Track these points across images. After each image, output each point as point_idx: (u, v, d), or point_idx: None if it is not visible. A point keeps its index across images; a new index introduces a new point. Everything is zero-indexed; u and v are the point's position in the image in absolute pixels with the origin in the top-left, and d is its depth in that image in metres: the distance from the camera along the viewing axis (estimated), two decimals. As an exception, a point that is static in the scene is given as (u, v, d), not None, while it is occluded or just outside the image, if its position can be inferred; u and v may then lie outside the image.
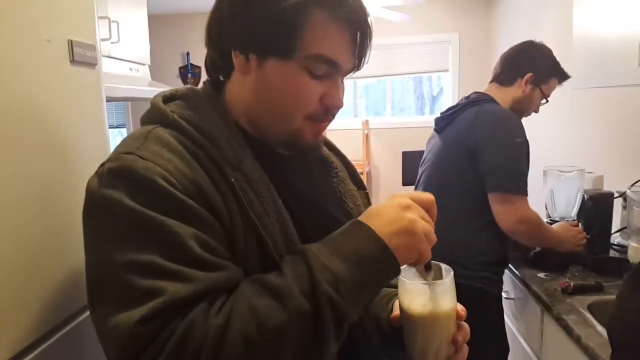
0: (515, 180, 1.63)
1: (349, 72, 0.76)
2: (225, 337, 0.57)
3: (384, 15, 3.72)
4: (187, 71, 4.97)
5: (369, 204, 0.93)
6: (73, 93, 0.94)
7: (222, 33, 0.74)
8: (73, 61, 0.93)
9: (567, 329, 1.39)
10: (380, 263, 0.65)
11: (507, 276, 1.99)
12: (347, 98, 5.28)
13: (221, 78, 0.80)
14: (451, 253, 1.70)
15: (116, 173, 0.63)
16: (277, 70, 0.72)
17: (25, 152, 0.79)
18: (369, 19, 0.74)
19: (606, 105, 2.39)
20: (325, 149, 0.92)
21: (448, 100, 4.77)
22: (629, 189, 1.80)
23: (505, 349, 1.79)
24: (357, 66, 0.76)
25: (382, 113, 5.24)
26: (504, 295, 1.90)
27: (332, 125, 0.94)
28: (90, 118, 1.00)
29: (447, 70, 4.82)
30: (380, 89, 5.27)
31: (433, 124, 1.93)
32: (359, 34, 0.73)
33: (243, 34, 0.71)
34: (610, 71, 1.73)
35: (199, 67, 4.92)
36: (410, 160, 4.14)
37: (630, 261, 1.73)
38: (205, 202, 0.64)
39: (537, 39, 1.90)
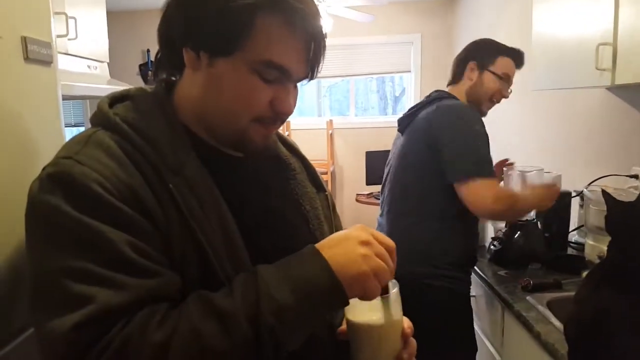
0: (479, 164, 1.61)
1: (301, 80, 0.75)
2: (166, 357, 0.57)
3: (347, 15, 3.73)
4: (147, 69, 4.86)
5: (330, 205, 0.92)
6: (27, 92, 0.90)
7: (173, 29, 0.73)
8: (27, 59, 0.89)
9: (527, 326, 1.43)
10: (329, 296, 0.64)
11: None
12: (311, 98, 5.28)
13: (173, 77, 0.79)
14: (418, 254, 1.72)
15: (54, 178, 0.63)
16: (227, 70, 0.71)
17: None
18: (323, 29, 0.73)
19: (564, 106, 2.47)
20: (283, 151, 0.89)
21: (410, 101, 4.83)
22: (586, 188, 1.86)
23: (473, 349, 1.81)
24: (309, 76, 0.75)
25: (346, 113, 5.26)
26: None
27: (297, 125, 0.95)
28: (46, 117, 0.96)
29: (410, 71, 4.88)
30: (344, 88, 5.29)
31: (396, 124, 1.95)
32: (313, 44, 0.71)
33: (194, 32, 0.70)
34: (568, 73, 1.78)
35: (160, 65, 4.81)
36: (373, 160, 4.18)
37: (587, 258, 1.79)
38: (141, 208, 0.63)
39: (497, 40, 1.93)
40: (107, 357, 0.55)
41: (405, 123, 1.86)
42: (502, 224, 2.00)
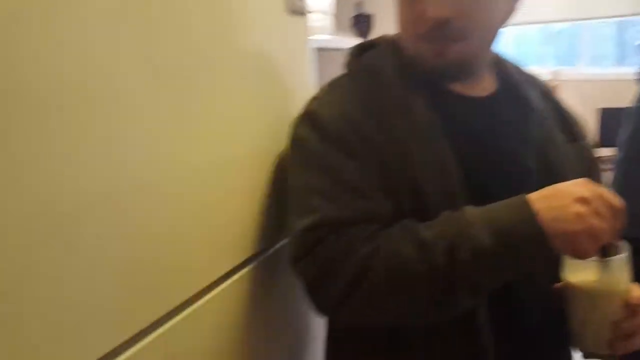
0: None
1: None
2: (368, 267, 0.66)
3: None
4: (361, 21, 4.91)
5: (585, 158, 0.86)
6: (289, 42, 0.95)
7: None
8: (288, 11, 0.93)
9: None
10: (530, 247, 0.64)
11: None
12: (532, 45, 4.79)
13: None
14: None
15: (305, 115, 0.78)
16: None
17: (249, 101, 0.81)
18: None
19: None
20: (532, 93, 0.85)
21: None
22: None
23: None
24: None
25: (574, 63, 4.66)
26: None
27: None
28: (301, 66, 1.01)
29: (663, 12, 4.08)
30: (572, 33, 4.67)
31: (636, 77, 1.64)
32: None
33: None
34: None
35: (368, 16, 4.82)
36: (608, 119, 3.63)
37: None
38: (369, 143, 0.73)
39: None
40: (324, 257, 0.68)
41: None
42: None
